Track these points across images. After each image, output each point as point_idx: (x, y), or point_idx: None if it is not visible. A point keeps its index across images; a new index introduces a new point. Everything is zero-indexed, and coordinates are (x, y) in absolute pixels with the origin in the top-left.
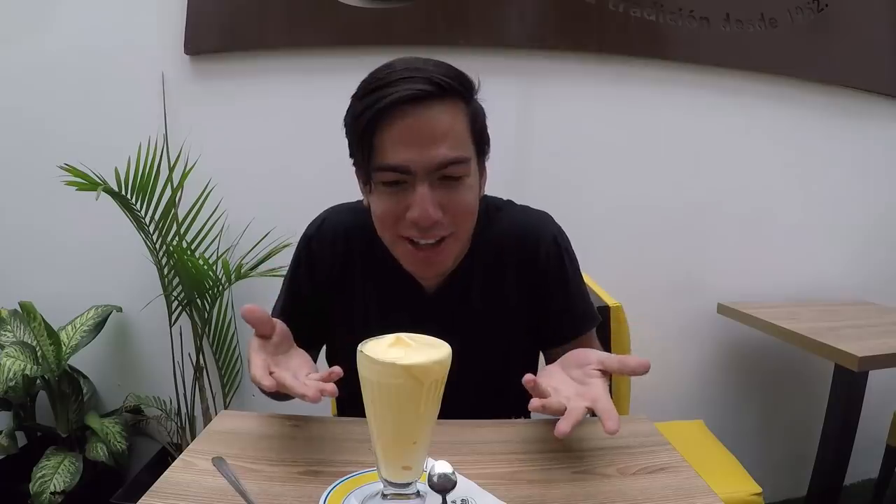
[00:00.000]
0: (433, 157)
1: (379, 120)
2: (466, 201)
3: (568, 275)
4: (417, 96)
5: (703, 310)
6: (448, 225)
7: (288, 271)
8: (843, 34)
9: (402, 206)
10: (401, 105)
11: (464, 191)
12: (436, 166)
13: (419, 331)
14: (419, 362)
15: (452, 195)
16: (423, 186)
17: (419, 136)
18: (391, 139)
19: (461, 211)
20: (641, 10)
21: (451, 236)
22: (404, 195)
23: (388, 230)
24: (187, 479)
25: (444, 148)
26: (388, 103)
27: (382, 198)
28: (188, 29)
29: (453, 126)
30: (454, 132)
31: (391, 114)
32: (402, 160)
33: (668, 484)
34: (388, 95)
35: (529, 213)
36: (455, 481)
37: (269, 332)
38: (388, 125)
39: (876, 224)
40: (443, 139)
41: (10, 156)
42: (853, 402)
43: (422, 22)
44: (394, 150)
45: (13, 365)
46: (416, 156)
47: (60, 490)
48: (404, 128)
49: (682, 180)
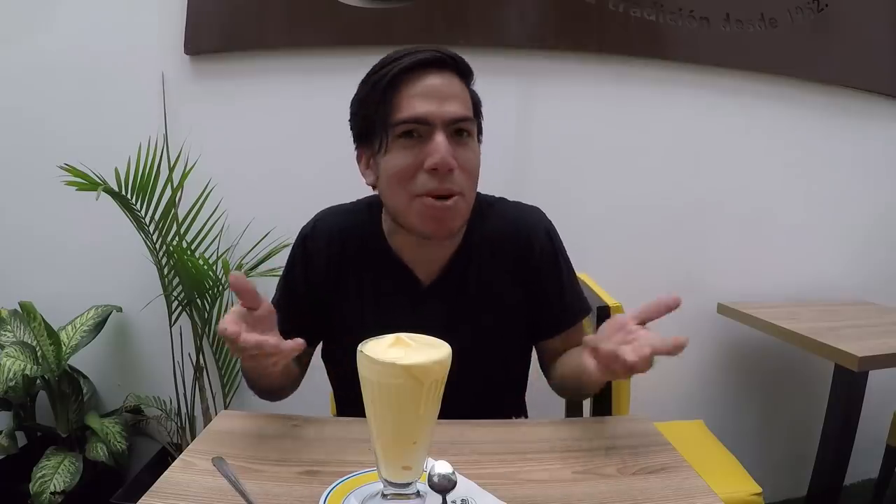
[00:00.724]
0: (448, 111)
1: (400, 79)
2: (473, 161)
3: (561, 268)
4: (435, 60)
5: (703, 310)
6: (459, 180)
7: (283, 271)
8: (843, 34)
9: (420, 158)
10: (418, 67)
11: (471, 152)
12: (450, 119)
13: (416, 323)
14: (419, 362)
15: (462, 152)
16: (440, 135)
17: (436, 92)
18: (412, 94)
19: (469, 168)
20: (641, 10)
21: (459, 195)
22: (421, 147)
23: (404, 187)
24: (187, 479)
25: (457, 105)
26: (406, 65)
27: (400, 153)
28: (188, 29)
29: (462, 92)
30: (463, 97)
31: (412, 73)
32: (421, 111)
33: (668, 484)
34: (408, 59)
35: (522, 208)
36: (455, 481)
37: (256, 305)
38: (408, 83)
39: (876, 224)
40: (456, 98)
41: (10, 156)
42: (853, 402)
43: (422, 22)
44: (414, 103)
45: (13, 365)
46: (434, 108)
47: (60, 490)
48: (423, 85)
49: (682, 180)
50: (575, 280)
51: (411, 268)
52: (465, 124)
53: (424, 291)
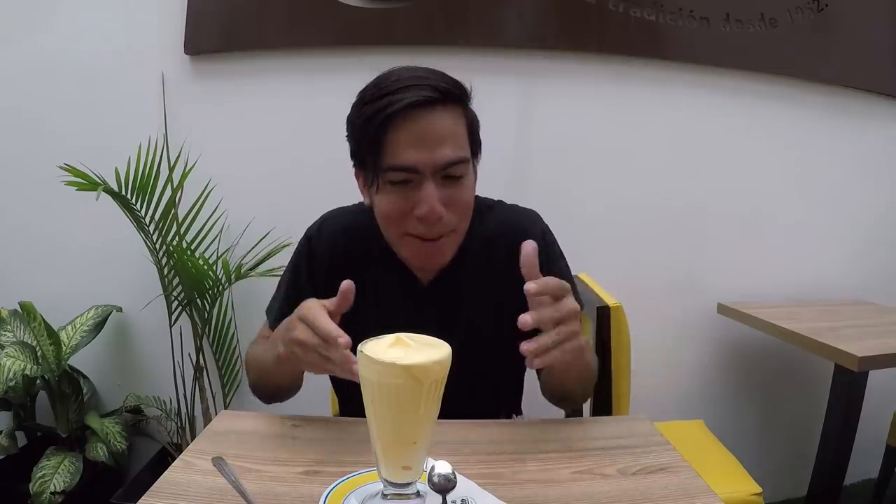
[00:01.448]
0: (439, 158)
1: (390, 123)
2: (466, 199)
3: (559, 269)
4: (426, 101)
5: (703, 310)
6: (449, 221)
7: (285, 272)
8: (843, 34)
9: (409, 204)
10: (410, 109)
11: (463, 189)
12: (441, 166)
13: (416, 323)
14: (419, 362)
15: (454, 193)
16: (430, 185)
17: (426, 138)
18: (401, 141)
19: (462, 208)
20: (641, 10)
21: (451, 232)
22: (411, 193)
23: (394, 227)
24: (187, 479)
25: (448, 149)
26: (398, 108)
27: (390, 196)
28: (188, 29)
29: (455, 129)
30: (456, 135)
31: (401, 118)
32: (411, 161)
33: (668, 484)
34: (398, 101)
35: (519, 211)
36: (455, 481)
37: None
38: (398, 128)
39: (876, 224)
40: (446, 141)
41: (10, 156)
42: (853, 402)
43: (422, 22)
44: (404, 152)
45: (13, 365)
46: (424, 157)
47: (60, 490)
48: (413, 131)
49: (682, 180)
50: (571, 280)
51: (411, 268)
52: (456, 168)
53: (424, 291)
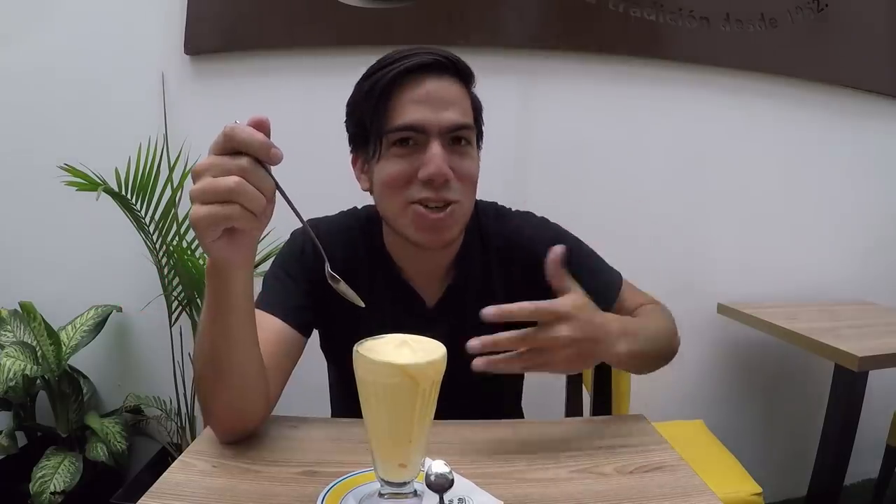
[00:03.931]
0: (445, 119)
1: (396, 84)
2: (471, 169)
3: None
4: (433, 63)
5: (703, 310)
6: (455, 189)
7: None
8: (843, 34)
9: (414, 167)
10: (417, 71)
11: (469, 160)
12: (447, 128)
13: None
14: (415, 362)
15: (460, 161)
16: (436, 144)
17: (433, 98)
18: (408, 100)
19: (467, 176)
20: (641, 10)
21: (456, 203)
22: (416, 156)
23: (397, 195)
24: (187, 479)
25: (456, 112)
26: (405, 68)
27: (394, 161)
28: (188, 29)
29: (461, 97)
30: (463, 102)
31: (407, 78)
32: (417, 119)
33: (665, 482)
34: (405, 63)
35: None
36: (452, 480)
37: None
38: (404, 88)
39: (876, 224)
40: (454, 104)
41: (10, 156)
42: (853, 402)
43: (422, 22)
44: (410, 110)
45: (13, 365)
46: (430, 115)
47: (60, 490)
48: (419, 90)
49: (682, 180)
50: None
51: (413, 284)
52: (464, 132)
53: (429, 311)
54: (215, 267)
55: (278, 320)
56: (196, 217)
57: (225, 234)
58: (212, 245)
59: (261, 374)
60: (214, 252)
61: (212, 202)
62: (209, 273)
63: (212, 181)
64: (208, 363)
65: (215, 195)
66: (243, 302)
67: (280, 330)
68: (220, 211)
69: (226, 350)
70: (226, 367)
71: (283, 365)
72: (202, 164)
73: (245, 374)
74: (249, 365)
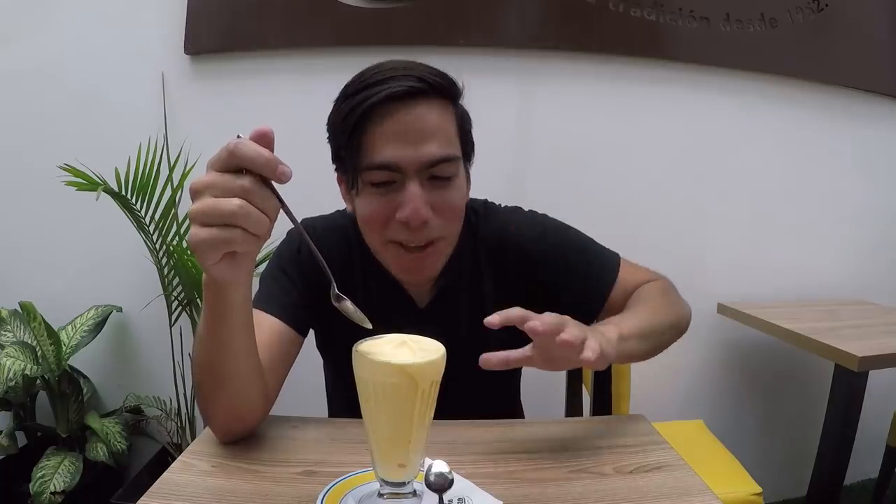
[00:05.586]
0: (423, 155)
1: (368, 118)
2: (456, 202)
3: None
4: (407, 92)
5: (703, 310)
6: (437, 227)
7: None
8: (843, 34)
9: (392, 207)
10: (390, 102)
11: (453, 192)
12: (426, 164)
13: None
14: (414, 362)
15: (442, 195)
16: (414, 184)
17: (409, 133)
18: (380, 136)
19: (451, 212)
20: (641, 10)
21: (440, 240)
22: (394, 195)
23: (376, 234)
24: (187, 479)
25: (434, 146)
26: (377, 100)
27: (370, 199)
28: (188, 29)
29: (442, 124)
30: (443, 130)
31: (380, 111)
32: (391, 157)
33: (664, 482)
34: (377, 93)
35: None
36: (451, 480)
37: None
38: (377, 123)
39: (876, 224)
40: (432, 137)
41: (10, 156)
42: (853, 402)
43: (422, 22)
44: (383, 148)
45: (13, 365)
46: (407, 153)
47: (60, 490)
48: (394, 125)
49: (682, 180)
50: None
51: (404, 286)
52: (443, 167)
53: (421, 313)
54: (214, 283)
55: (276, 319)
56: (196, 240)
57: (226, 256)
58: (212, 267)
59: (259, 377)
60: (214, 273)
61: (212, 225)
62: (207, 286)
63: (213, 202)
64: (206, 371)
65: (216, 217)
66: (241, 313)
67: (277, 329)
68: (220, 235)
69: (224, 359)
70: (224, 375)
71: (280, 364)
72: (202, 181)
73: (243, 380)
74: (248, 372)
